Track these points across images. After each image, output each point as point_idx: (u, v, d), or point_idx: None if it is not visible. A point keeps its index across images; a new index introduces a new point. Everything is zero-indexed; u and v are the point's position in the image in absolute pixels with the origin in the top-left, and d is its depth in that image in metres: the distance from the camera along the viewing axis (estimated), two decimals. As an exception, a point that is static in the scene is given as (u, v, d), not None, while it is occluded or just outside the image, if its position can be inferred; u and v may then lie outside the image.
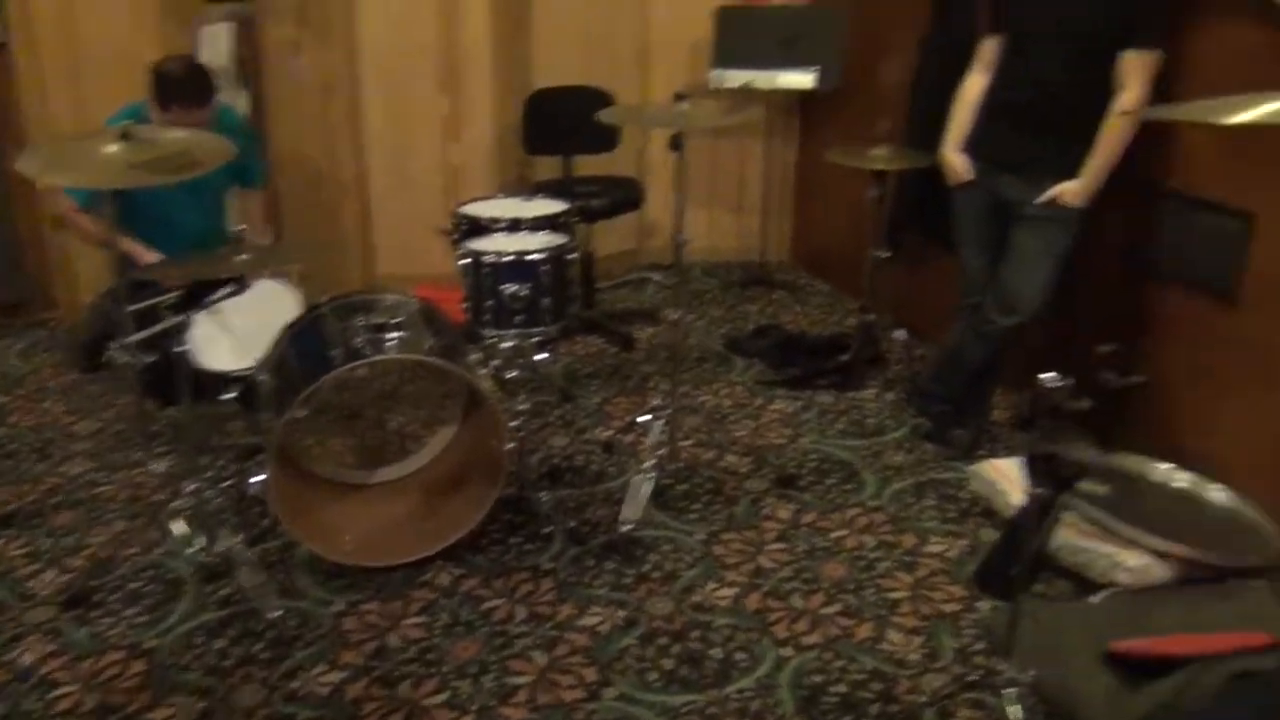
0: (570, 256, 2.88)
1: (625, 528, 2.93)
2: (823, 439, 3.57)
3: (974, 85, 3.20)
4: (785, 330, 4.43)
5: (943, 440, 3.47)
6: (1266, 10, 2.63)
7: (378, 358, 2.64)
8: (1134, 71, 2.82)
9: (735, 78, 4.58)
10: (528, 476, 3.07)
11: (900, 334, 4.06)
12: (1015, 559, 1.67)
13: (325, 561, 2.74)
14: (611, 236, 4.84)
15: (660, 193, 4.75)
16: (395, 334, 2.69)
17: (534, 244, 2.82)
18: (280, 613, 2.57)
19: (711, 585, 2.74)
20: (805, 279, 5.21)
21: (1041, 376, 1.59)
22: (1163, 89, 2.88)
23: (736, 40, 4.57)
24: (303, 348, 2.75)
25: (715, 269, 5.27)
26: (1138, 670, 2.26)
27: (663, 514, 3.06)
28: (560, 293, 2.83)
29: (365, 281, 4.67)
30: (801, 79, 4.53)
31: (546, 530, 2.94)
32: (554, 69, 4.66)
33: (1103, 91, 2.87)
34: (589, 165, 4.66)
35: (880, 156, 3.61)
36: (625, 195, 4.48)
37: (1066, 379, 1.55)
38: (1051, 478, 1.64)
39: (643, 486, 3.03)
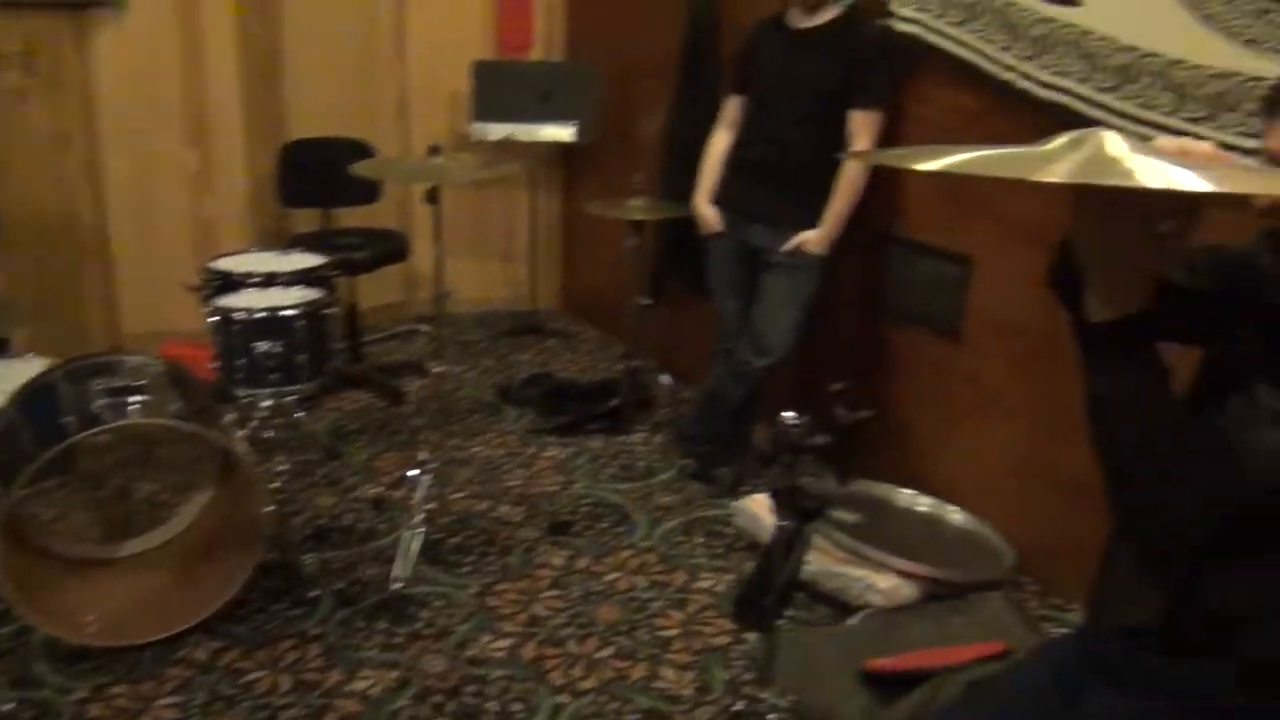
0: (328, 311, 2.82)
1: (396, 586, 2.86)
2: (594, 484, 3.62)
3: (720, 141, 3.38)
4: (556, 378, 4.48)
5: (708, 479, 3.59)
6: (973, 77, 2.91)
7: (118, 423, 2.49)
8: (861, 128, 3.07)
9: (496, 130, 4.63)
10: (290, 539, 2.96)
11: (665, 378, 4.18)
12: (767, 590, 1.74)
13: (67, 645, 2.54)
14: (378, 289, 4.76)
15: (427, 244, 4.69)
16: (138, 397, 2.54)
17: (288, 299, 2.75)
18: (12, 706, 2.36)
19: (486, 638, 2.72)
20: (575, 326, 5.28)
21: (782, 415, 1.68)
22: (890, 143, 3.14)
23: (495, 94, 4.62)
24: (32, 416, 2.55)
25: (486, 318, 5.27)
26: (891, 686, 2.40)
27: (435, 569, 3.01)
28: (318, 348, 2.77)
29: (111, 342, 4.39)
30: (561, 132, 4.62)
31: (313, 594, 2.84)
32: (310, 120, 4.56)
33: (837, 146, 3.09)
34: (352, 217, 4.57)
35: (638, 208, 3.73)
36: (389, 247, 4.42)
37: (803, 416, 1.65)
38: (796, 510, 1.72)
39: (413, 542, 2.97)
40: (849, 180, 3.10)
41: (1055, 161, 1.09)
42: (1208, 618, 1.37)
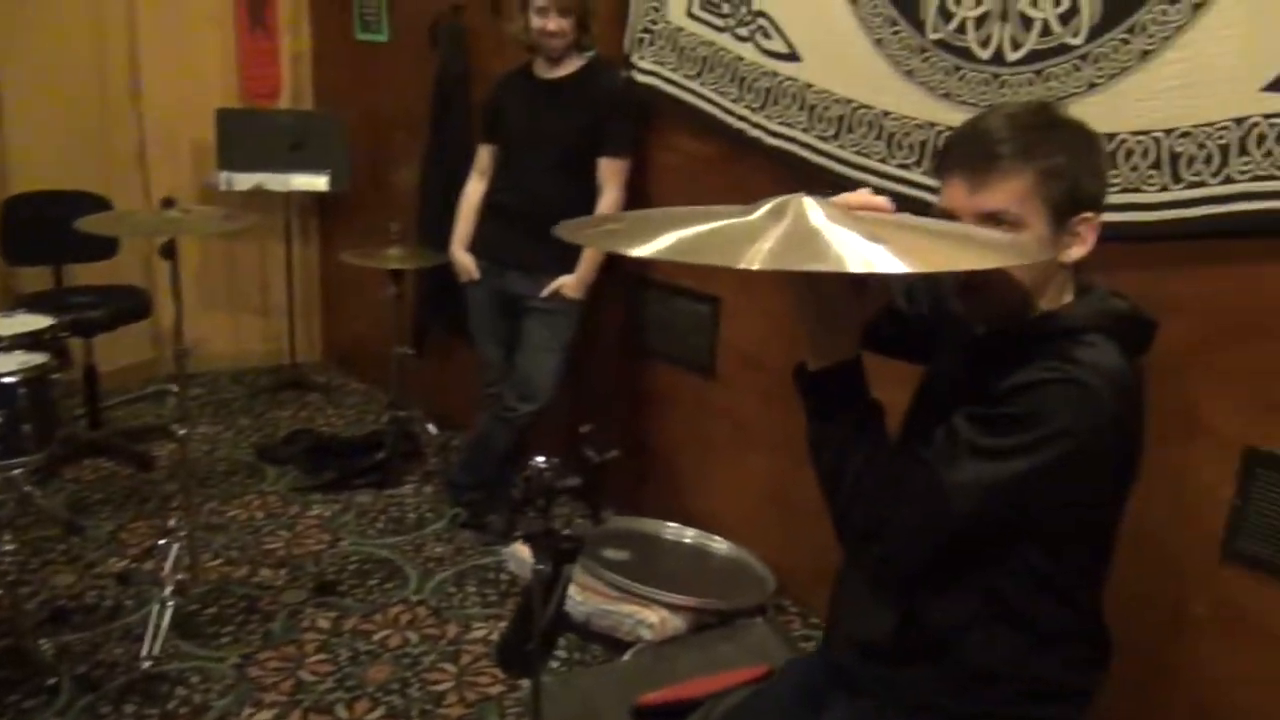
0: (56, 376, 2.64)
1: (146, 665, 2.69)
2: (363, 540, 3.53)
3: (474, 189, 3.41)
4: (318, 433, 4.35)
5: (479, 527, 3.58)
6: (711, 126, 3.06)
7: None
8: (609, 175, 3.17)
9: (244, 180, 4.48)
10: (23, 623, 2.73)
11: (432, 427, 4.14)
12: (529, 634, 1.75)
13: None
14: (122, 349, 4.49)
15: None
16: None
17: (8, 365, 2.55)
18: None
19: (248, 711, 2.60)
20: (339, 379, 5.15)
21: (534, 459, 1.71)
22: (638, 189, 3.26)
23: (242, 143, 4.48)
24: None
25: (243, 375, 5.07)
26: (662, 719, 2.46)
27: (190, 643, 2.85)
28: (45, 416, 2.57)
29: None
30: (314, 181, 4.53)
31: (50, 681, 2.62)
32: (38, 171, 4.26)
33: (587, 193, 3.18)
34: (90, 274, 4.29)
35: (395, 256, 3.70)
36: (128, 305, 4.17)
37: (553, 459, 1.68)
38: (552, 553, 1.74)
39: (164, 616, 2.80)
40: (601, 226, 3.19)
41: (759, 239, 1.12)
42: (928, 631, 1.50)
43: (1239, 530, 2.21)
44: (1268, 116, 1.97)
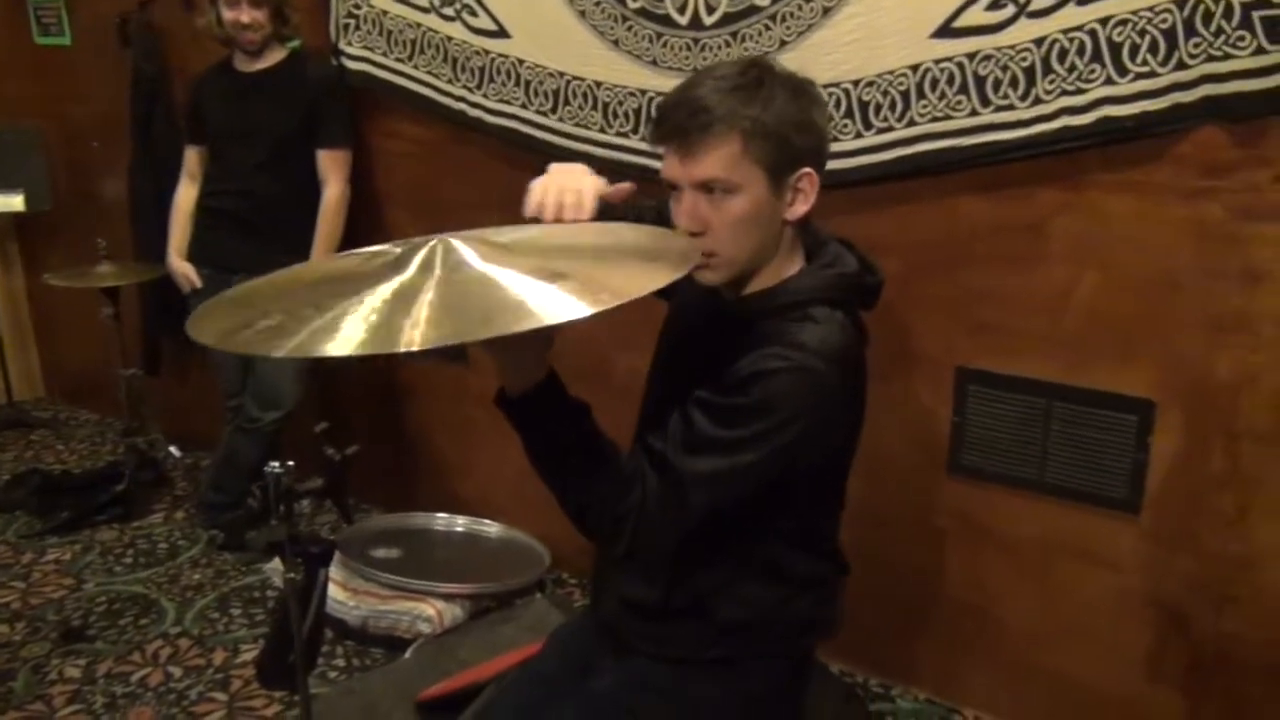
0: None
1: None
2: (111, 578, 3.30)
3: (185, 194, 3.24)
4: (46, 472, 4.01)
5: (239, 546, 3.41)
6: (430, 110, 3.02)
7: None
8: (330, 168, 3.08)
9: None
10: None
11: (174, 450, 3.91)
12: (289, 646, 1.69)
13: None
14: None
15: None
16: None
17: None
18: None
19: (-6, 780, 2.39)
20: (67, 412, 4.77)
21: (269, 465, 1.64)
22: (365, 179, 3.18)
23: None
24: None
25: (-48, 422, 4.61)
26: (446, 710, 2.43)
27: (-85, 723, 2.59)
28: None
29: None
30: (8, 202, 4.16)
31: None
32: None
33: (307, 189, 3.08)
34: None
35: (106, 274, 3.44)
36: None
37: (288, 464, 1.62)
38: (302, 559, 1.69)
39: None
40: (328, 218, 3.09)
41: (415, 302, 1.03)
42: (690, 591, 1.55)
43: (960, 445, 2.41)
44: (938, 62, 2.14)
